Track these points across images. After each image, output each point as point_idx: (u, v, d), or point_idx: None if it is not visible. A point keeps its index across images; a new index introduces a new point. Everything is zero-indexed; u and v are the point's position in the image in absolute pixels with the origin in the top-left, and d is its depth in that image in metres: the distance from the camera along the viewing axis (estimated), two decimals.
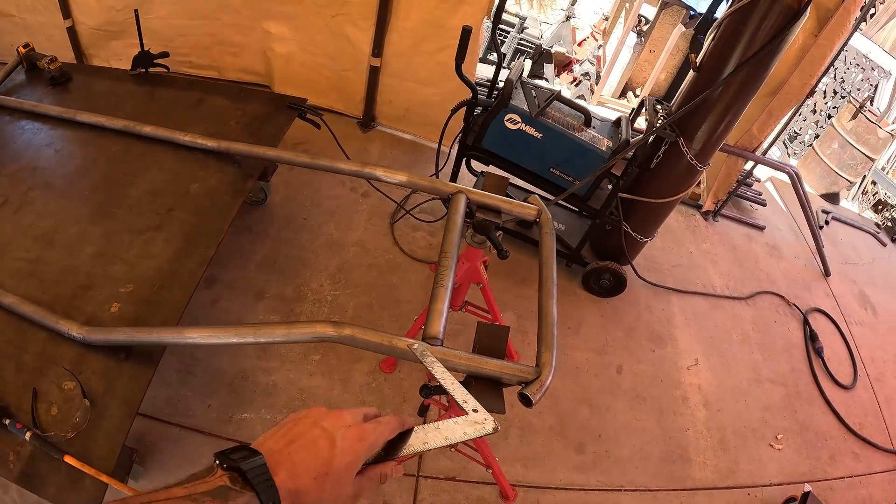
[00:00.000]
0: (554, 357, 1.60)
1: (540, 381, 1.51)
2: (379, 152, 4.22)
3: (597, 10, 6.81)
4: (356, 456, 0.79)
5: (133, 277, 2.23)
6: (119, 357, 1.97)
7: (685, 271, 4.18)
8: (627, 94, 6.23)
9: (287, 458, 0.74)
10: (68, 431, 1.80)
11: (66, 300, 2.15)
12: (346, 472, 0.77)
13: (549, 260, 1.92)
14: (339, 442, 0.78)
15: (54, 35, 4.24)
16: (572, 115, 3.16)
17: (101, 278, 2.23)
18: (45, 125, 2.94)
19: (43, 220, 2.45)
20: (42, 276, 2.24)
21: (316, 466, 0.74)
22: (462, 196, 2.01)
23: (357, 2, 3.69)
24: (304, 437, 0.77)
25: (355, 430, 0.80)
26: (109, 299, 2.16)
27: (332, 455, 0.76)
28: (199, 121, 2.92)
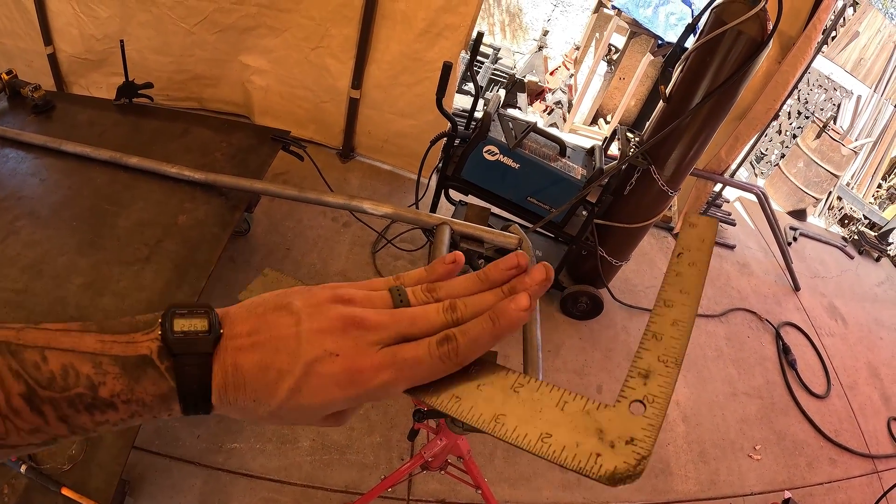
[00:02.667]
0: (541, 377, 1.67)
1: None
2: (359, 182, 4.27)
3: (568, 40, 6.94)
4: (324, 403, 0.50)
5: (124, 309, 2.20)
6: None
7: None
8: (599, 120, 6.36)
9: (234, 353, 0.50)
10: (64, 464, 1.78)
11: None
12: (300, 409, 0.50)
13: None
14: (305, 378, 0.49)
15: (35, 62, 4.23)
16: (548, 145, 3.25)
17: (91, 310, 2.19)
18: (29, 154, 2.89)
19: (30, 250, 2.40)
20: (31, 308, 2.19)
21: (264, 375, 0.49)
22: (446, 227, 2.08)
23: (337, 35, 3.76)
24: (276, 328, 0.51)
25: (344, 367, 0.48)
26: None
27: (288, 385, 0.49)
28: (184, 152, 2.92)
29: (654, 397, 0.50)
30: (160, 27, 3.94)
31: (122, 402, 0.47)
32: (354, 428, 2.80)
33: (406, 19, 3.61)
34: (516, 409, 0.50)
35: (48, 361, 0.45)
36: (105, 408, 0.47)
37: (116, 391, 0.46)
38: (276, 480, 2.58)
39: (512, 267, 0.55)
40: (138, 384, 0.47)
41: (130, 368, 0.47)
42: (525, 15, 6.97)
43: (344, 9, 3.65)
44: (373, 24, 3.66)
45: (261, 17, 3.84)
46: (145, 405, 0.48)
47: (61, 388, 0.45)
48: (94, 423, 0.47)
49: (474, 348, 0.51)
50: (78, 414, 0.46)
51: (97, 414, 0.47)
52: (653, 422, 0.47)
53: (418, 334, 0.51)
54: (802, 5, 3.59)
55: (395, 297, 0.55)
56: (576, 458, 0.47)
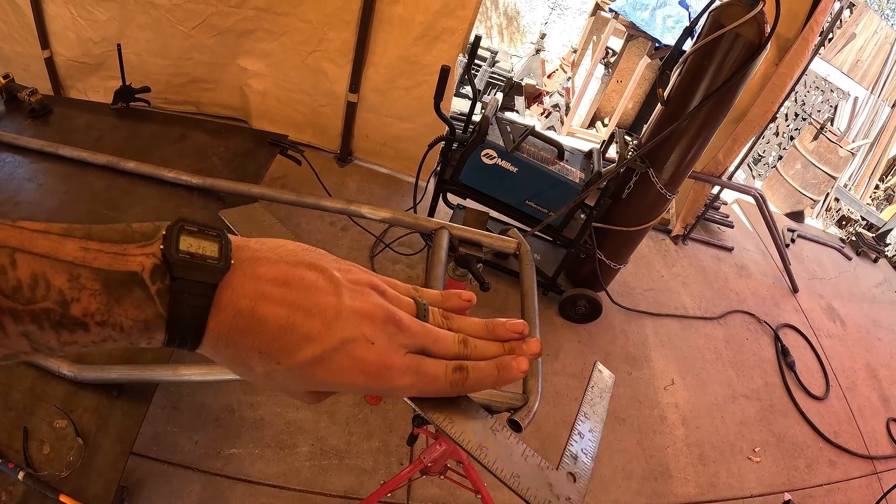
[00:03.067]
0: (540, 384, 1.66)
1: (528, 407, 1.57)
2: (357, 186, 4.27)
3: (565, 43, 6.94)
4: (343, 382, 0.48)
5: None
6: (111, 394, 1.93)
7: (657, 295, 4.28)
8: (596, 123, 6.37)
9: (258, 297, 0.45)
10: (62, 470, 1.76)
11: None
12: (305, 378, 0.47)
13: (531, 291, 1.98)
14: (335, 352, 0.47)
15: (31, 65, 4.22)
16: (546, 148, 3.25)
17: None
18: (26, 158, 2.88)
19: None
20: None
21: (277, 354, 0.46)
22: (445, 231, 2.07)
23: (334, 39, 3.75)
24: (299, 290, 0.46)
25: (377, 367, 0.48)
26: None
27: (322, 357, 0.46)
28: (181, 157, 2.91)
29: (579, 475, 0.67)
30: (159, 30, 3.93)
31: (96, 323, 0.41)
32: (353, 433, 2.79)
33: (404, 23, 3.61)
34: (495, 447, 0.59)
35: (17, 266, 0.39)
36: (74, 327, 0.41)
37: (91, 310, 0.41)
38: (274, 486, 2.57)
39: (517, 332, 0.58)
40: (119, 305, 0.41)
41: (113, 286, 0.41)
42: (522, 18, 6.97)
43: (341, 13, 3.64)
44: (370, 28, 3.65)
45: (258, 21, 3.83)
46: (122, 330, 0.42)
47: (26, 300, 0.39)
48: (61, 343, 0.42)
49: (477, 386, 0.54)
50: (42, 331, 0.40)
51: (65, 333, 0.41)
52: (581, 490, 0.64)
53: (437, 354, 0.53)
54: (799, 8, 3.60)
55: (420, 309, 0.54)
56: (536, 500, 0.59)
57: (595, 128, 6.32)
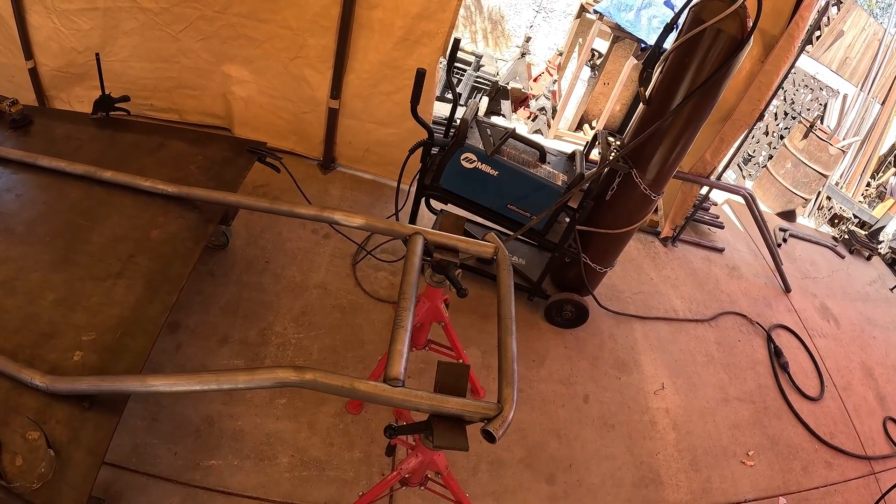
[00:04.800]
0: (515, 392, 1.63)
1: (502, 417, 1.54)
2: (340, 193, 4.24)
3: (551, 46, 6.93)
4: None
5: (95, 325, 2.20)
6: (83, 406, 1.94)
7: (647, 298, 4.24)
8: (584, 126, 6.35)
9: None
10: (34, 482, 1.76)
11: (28, 349, 2.11)
12: None
13: (507, 296, 1.96)
14: None
15: (16, 76, 4.21)
16: (527, 151, 3.22)
17: (63, 326, 2.20)
18: (6, 169, 2.88)
19: (3, 267, 2.40)
20: (3, 324, 2.19)
21: None
22: (419, 237, 2.05)
23: (315, 45, 3.73)
24: None
25: None
26: (72, 348, 2.13)
27: None
28: (159, 166, 2.91)
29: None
30: (146, 34, 3.92)
31: None
32: (334, 443, 2.76)
33: (383, 28, 3.58)
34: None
35: None
36: None
37: None
38: (254, 498, 2.55)
39: None
40: None
41: None
42: (507, 22, 6.96)
43: (320, 18, 3.61)
44: (350, 34, 3.62)
45: (241, 27, 3.81)
46: None
47: None
48: None
49: None
50: None
51: None
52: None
53: None
54: (784, 4, 3.58)
55: None
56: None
57: (583, 130, 6.31)
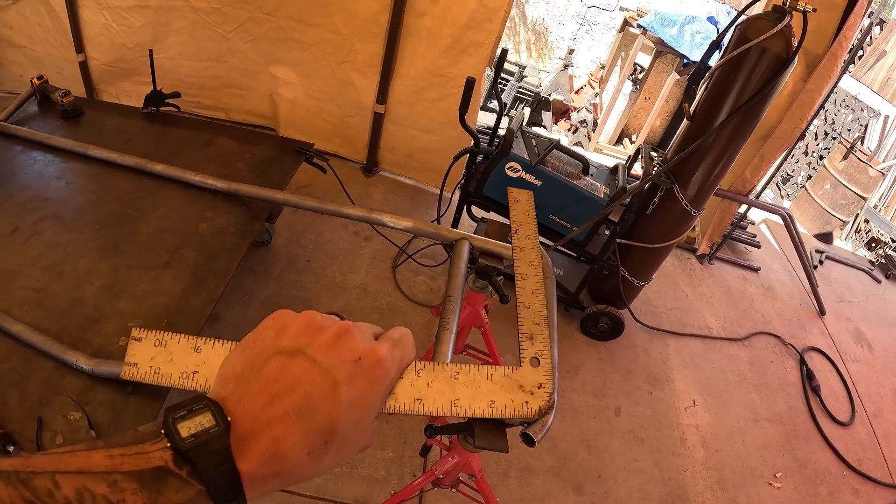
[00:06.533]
0: (555, 399, 1.64)
1: (542, 422, 1.55)
2: (381, 197, 4.28)
3: (594, 59, 6.92)
4: (370, 406, 0.56)
5: (141, 313, 2.23)
6: (126, 390, 1.96)
7: (681, 314, 4.23)
8: (624, 140, 6.33)
9: (266, 431, 0.50)
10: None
11: (73, 332, 2.15)
12: (356, 431, 0.55)
13: (550, 305, 1.97)
14: (346, 391, 0.53)
15: (65, 69, 4.31)
16: (571, 162, 3.23)
17: (109, 312, 2.23)
18: (56, 157, 2.95)
19: (52, 251, 2.45)
20: (50, 307, 2.24)
21: (312, 438, 0.51)
22: (465, 242, 2.06)
23: (363, 50, 3.79)
24: (283, 382, 0.52)
25: (368, 365, 0.56)
26: (117, 333, 2.15)
27: (337, 414, 0.52)
28: (208, 161, 2.96)
29: (541, 352, 0.73)
30: (196, 33, 4.00)
31: None
32: None
33: (431, 36, 3.63)
34: (463, 392, 0.64)
35: (60, 487, 0.42)
36: None
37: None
38: (285, 490, 2.57)
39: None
40: (161, 494, 0.45)
41: (148, 481, 0.45)
42: (551, 34, 6.97)
43: (369, 24, 3.67)
44: (398, 40, 3.68)
45: (290, 30, 3.88)
46: None
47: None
48: None
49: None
50: None
51: None
52: (547, 369, 0.70)
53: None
54: (828, 23, 3.56)
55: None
56: (515, 411, 0.66)
57: (622, 144, 6.29)
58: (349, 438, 0.54)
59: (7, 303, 2.22)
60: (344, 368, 0.54)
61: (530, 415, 0.66)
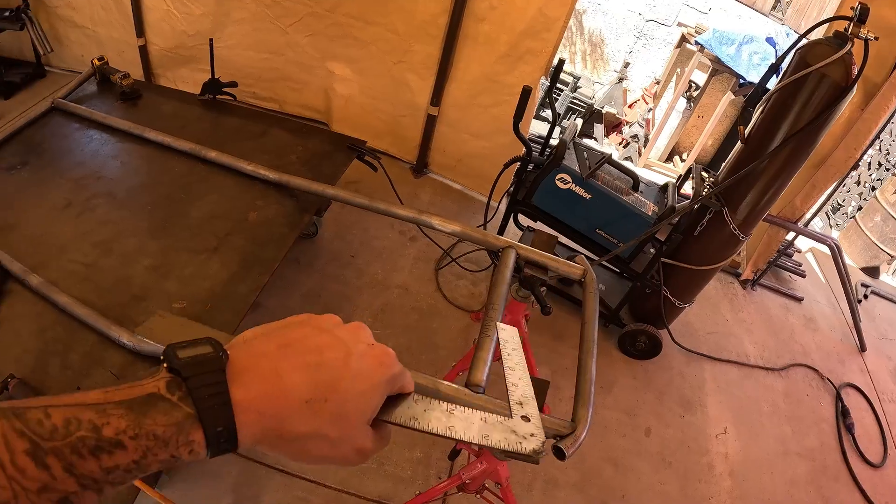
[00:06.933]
0: (590, 414, 1.64)
1: (574, 436, 1.55)
2: (429, 199, 4.30)
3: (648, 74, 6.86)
4: (374, 386, 0.58)
5: (187, 295, 2.27)
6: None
7: (720, 339, 4.17)
8: (674, 158, 6.27)
9: (268, 365, 0.52)
10: None
11: (118, 308, 2.19)
12: (356, 406, 0.56)
13: (592, 320, 1.96)
14: (356, 362, 0.56)
15: (125, 52, 4.41)
16: (621, 178, 3.22)
17: (155, 291, 2.27)
18: (112, 137, 3.02)
19: (103, 228, 2.51)
20: (97, 282, 2.28)
21: (312, 384, 0.53)
22: (512, 251, 2.06)
23: (419, 51, 3.81)
24: (304, 343, 0.56)
25: (379, 351, 0.60)
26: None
27: (342, 376, 0.55)
28: (261, 152, 3.00)
29: (531, 413, 0.78)
30: (256, 24, 4.07)
31: (130, 438, 0.46)
32: (396, 441, 2.80)
33: (489, 41, 3.63)
34: (458, 423, 0.70)
35: (51, 416, 0.45)
36: (112, 448, 0.45)
37: (122, 428, 0.46)
38: (311, 481, 2.60)
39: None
40: (146, 417, 0.47)
41: (137, 406, 0.47)
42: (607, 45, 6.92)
43: (428, 26, 3.69)
44: (455, 44, 3.69)
45: (349, 27, 3.92)
46: (158, 438, 0.47)
47: (63, 435, 0.44)
48: (103, 470, 0.45)
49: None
50: (83, 460, 0.44)
51: (104, 457, 0.45)
52: (538, 425, 0.76)
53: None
54: (888, 52, 3.49)
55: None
56: (510, 445, 0.72)
57: (672, 162, 6.22)
58: (347, 409, 0.55)
59: (55, 274, 2.27)
60: (359, 346, 0.59)
61: (525, 451, 0.73)
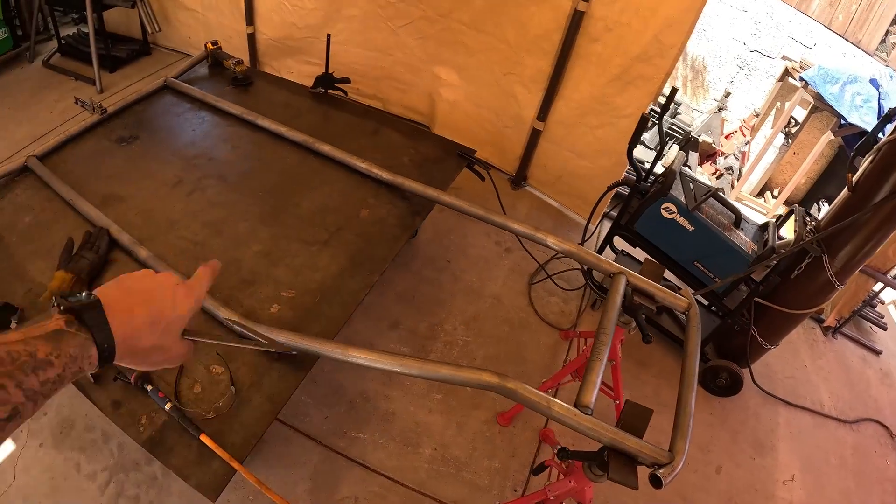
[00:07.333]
0: (687, 446, 1.66)
1: (672, 466, 1.58)
2: (526, 212, 4.31)
3: (748, 105, 6.73)
4: (187, 309, 0.91)
5: (296, 285, 2.31)
6: (272, 356, 2.03)
7: (797, 384, 4.09)
8: (765, 193, 6.15)
9: (124, 304, 0.81)
10: (209, 412, 1.87)
11: (226, 289, 2.24)
12: (178, 324, 0.89)
13: (694, 353, 1.98)
14: (173, 294, 0.89)
15: (233, 38, 4.55)
16: (724, 213, 3.19)
17: (264, 278, 2.32)
18: (224, 120, 3.11)
19: (213, 209, 2.58)
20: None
21: (152, 314, 0.84)
22: (623, 277, 2.09)
23: (530, 65, 3.81)
24: (141, 288, 0.86)
25: (185, 286, 0.94)
26: (270, 300, 2.24)
27: (168, 305, 0.87)
28: (373, 150, 3.03)
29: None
30: (367, 23, 4.14)
31: (55, 357, 0.70)
32: (477, 448, 2.84)
33: (601, 62, 3.60)
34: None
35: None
36: (45, 366, 0.68)
37: (48, 351, 0.69)
38: (389, 478, 2.66)
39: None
40: (62, 342, 0.71)
41: (51, 338, 0.71)
42: (709, 73, 6.82)
43: (541, 41, 3.69)
44: (567, 61, 3.67)
45: (460, 34, 3.96)
46: (71, 356, 0.71)
47: (10, 361, 0.65)
48: (41, 383, 0.68)
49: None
50: (27, 377, 0.66)
51: (41, 373, 0.68)
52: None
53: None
54: None
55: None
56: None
57: (763, 198, 6.09)
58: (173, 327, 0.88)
59: (163, 248, 2.35)
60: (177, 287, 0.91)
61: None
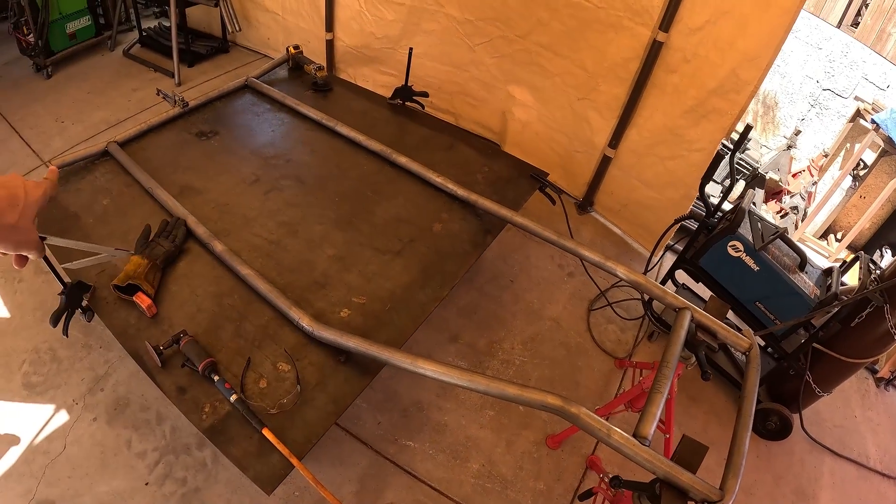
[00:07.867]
0: (738, 485, 1.68)
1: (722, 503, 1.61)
2: (590, 237, 4.32)
3: (817, 145, 6.63)
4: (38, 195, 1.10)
5: (368, 291, 2.37)
6: (339, 359, 2.09)
7: (845, 434, 4.02)
8: (829, 236, 6.05)
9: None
10: (272, 407, 1.93)
11: (297, 290, 2.31)
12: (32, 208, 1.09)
13: (752, 394, 2.00)
14: (24, 184, 1.08)
15: (311, 43, 4.67)
16: (789, 255, 3.17)
17: (336, 282, 2.39)
18: (303, 124, 3.22)
19: (289, 210, 2.66)
20: (279, 260, 2.42)
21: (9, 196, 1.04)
22: (688, 312, 2.12)
23: (605, 92, 3.83)
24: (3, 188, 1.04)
25: (33, 181, 1.11)
26: (341, 304, 2.30)
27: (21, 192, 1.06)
28: (448, 165, 3.08)
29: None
30: (445, 37, 4.22)
31: None
32: (523, 468, 2.87)
33: (676, 93, 3.59)
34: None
35: None
36: None
37: None
38: (435, 489, 2.71)
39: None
40: None
41: None
42: (780, 110, 6.73)
43: (618, 69, 3.71)
44: (643, 90, 3.67)
45: (537, 56, 4.00)
46: None
47: None
48: None
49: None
50: None
51: None
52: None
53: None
54: None
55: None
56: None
57: (826, 240, 5.99)
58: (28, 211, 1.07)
59: (239, 244, 2.44)
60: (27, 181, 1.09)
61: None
